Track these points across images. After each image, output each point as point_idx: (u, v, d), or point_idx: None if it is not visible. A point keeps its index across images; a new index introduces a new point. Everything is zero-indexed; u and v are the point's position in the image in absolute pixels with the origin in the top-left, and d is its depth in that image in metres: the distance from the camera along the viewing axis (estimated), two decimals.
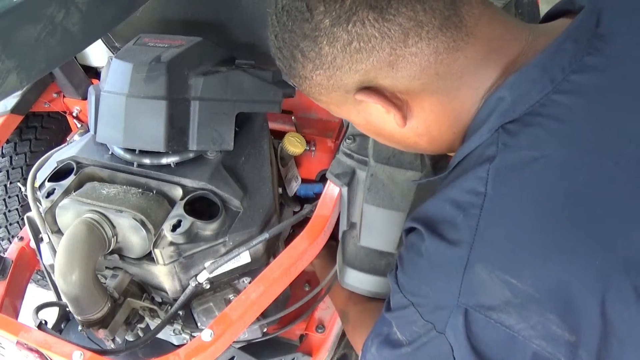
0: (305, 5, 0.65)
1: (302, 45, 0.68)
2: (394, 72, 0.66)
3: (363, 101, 0.70)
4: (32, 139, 1.88)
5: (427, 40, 0.63)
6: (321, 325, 1.46)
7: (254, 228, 1.19)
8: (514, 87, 0.64)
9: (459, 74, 0.66)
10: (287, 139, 1.40)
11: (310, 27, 0.66)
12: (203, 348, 1.06)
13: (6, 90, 0.84)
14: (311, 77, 0.71)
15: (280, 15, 0.69)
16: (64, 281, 1.07)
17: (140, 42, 1.27)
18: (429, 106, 0.69)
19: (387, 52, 0.64)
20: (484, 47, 0.66)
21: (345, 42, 0.64)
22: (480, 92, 0.67)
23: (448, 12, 0.63)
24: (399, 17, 0.62)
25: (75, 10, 0.88)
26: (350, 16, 0.63)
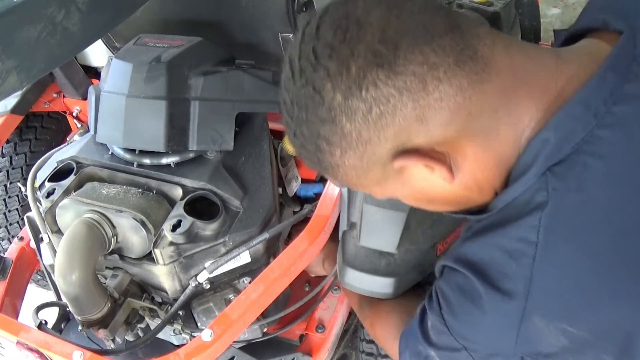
0: (311, 89, 0.61)
1: (322, 132, 0.63)
2: (425, 126, 0.61)
3: (404, 168, 0.65)
4: (32, 139, 1.88)
5: (447, 80, 0.59)
6: (321, 325, 1.45)
7: (254, 228, 1.19)
8: (558, 127, 0.61)
9: (493, 109, 0.62)
10: (287, 139, 1.40)
11: (324, 110, 0.61)
12: (203, 348, 1.06)
13: (6, 90, 0.84)
14: (343, 163, 0.65)
15: (291, 111, 0.65)
16: (64, 281, 1.07)
17: (140, 42, 1.27)
18: (471, 153, 0.64)
19: (411, 106, 0.59)
20: (508, 76, 0.62)
21: (365, 111, 0.60)
22: (519, 129, 0.63)
23: (459, 46, 0.60)
24: (411, 66, 0.58)
25: (75, 10, 0.88)
26: (361, 82, 0.59)
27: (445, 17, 0.61)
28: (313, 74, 0.61)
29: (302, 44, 0.63)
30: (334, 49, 0.60)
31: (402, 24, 0.59)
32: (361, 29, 0.59)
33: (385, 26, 0.59)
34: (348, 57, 0.59)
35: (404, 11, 0.60)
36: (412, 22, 0.59)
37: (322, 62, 0.60)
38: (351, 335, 1.57)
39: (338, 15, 0.61)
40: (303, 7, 1.25)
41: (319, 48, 0.61)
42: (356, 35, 0.59)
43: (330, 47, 0.60)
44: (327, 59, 0.60)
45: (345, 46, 0.59)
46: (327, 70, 0.60)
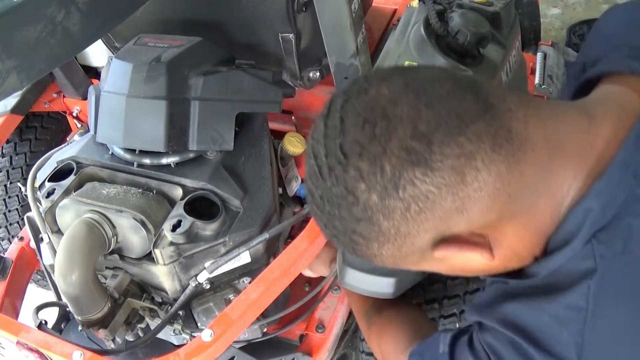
0: (343, 189, 0.58)
1: (358, 229, 0.61)
2: (465, 215, 0.59)
3: (443, 255, 0.64)
4: (32, 139, 1.87)
5: (486, 168, 0.57)
6: (321, 325, 1.45)
7: (254, 228, 1.19)
8: (601, 195, 0.60)
9: (532, 187, 0.60)
10: (287, 139, 1.40)
11: (359, 209, 0.59)
12: (203, 348, 1.06)
13: (6, 90, 0.84)
14: (381, 254, 0.64)
15: (321, 206, 0.62)
16: (64, 281, 1.07)
17: (140, 42, 1.27)
18: (511, 231, 0.63)
19: (450, 199, 0.57)
20: (544, 150, 0.60)
21: (403, 209, 0.58)
22: (558, 199, 0.62)
23: (493, 128, 0.57)
24: (448, 161, 0.55)
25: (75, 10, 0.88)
26: (397, 182, 0.56)
27: (476, 98, 0.58)
28: (344, 174, 0.58)
29: (327, 139, 0.60)
30: (364, 147, 0.57)
31: (433, 114, 0.56)
32: (391, 124, 0.56)
33: (416, 119, 0.56)
34: (381, 156, 0.56)
35: (433, 98, 0.57)
36: (443, 110, 0.56)
37: (353, 162, 0.57)
38: (351, 335, 1.57)
39: (362, 107, 0.58)
40: (303, 7, 1.25)
41: (347, 146, 0.58)
42: (386, 130, 0.56)
43: (359, 145, 0.57)
44: (358, 158, 0.57)
45: (376, 144, 0.56)
46: (359, 170, 0.57)
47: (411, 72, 0.61)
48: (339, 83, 1.16)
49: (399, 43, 1.35)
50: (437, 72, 0.61)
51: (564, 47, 2.25)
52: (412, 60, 1.29)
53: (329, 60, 1.12)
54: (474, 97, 0.58)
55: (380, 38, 1.75)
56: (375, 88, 0.59)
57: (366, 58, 1.13)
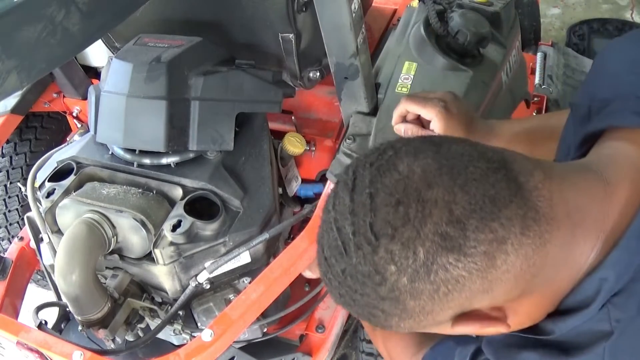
0: (372, 269, 0.57)
1: (381, 306, 0.60)
2: (490, 294, 0.59)
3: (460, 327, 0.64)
4: (32, 139, 1.87)
5: (515, 252, 0.57)
6: (321, 325, 1.45)
7: (254, 228, 1.19)
8: (616, 264, 0.60)
9: (554, 264, 0.61)
10: (287, 139, 1.40)
11: (386, 289, 0.58)
12: (203, 348, 1.06)
13: (6, 90, 0.84)
14: (398, 325, 0.63)
15: (342, 279, 0.60)
16: (64, 281, 1.07)
17: (140, 42, 1.27)
18: (529, 302, 0.64)
19: (480, 282, 0.57)
20: (567, 226, 0.60)
21: (431, 291, 0.57)
22: (576, 269, 0.62)
23: (522, 210, 0.57)
24: (481, 246, 0.55)
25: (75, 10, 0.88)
26: (429, 267, 0.55)
27: (507, 179, 0.58)
28: (373, 255, 0.57)
29: (354, 215, 0.58)
30: (397, 229, 0.56)
31: (468, 198, 0.56)
32: (425, 207, 0.55)
33: (452, 203, 0.55)
34: (414, 240, 0.55)
35: (467, 181, 0.56)
36: (478, 194, 0.56)
37: (384, 243, 0.56)
38: (351, 335, 1.57)
39: (394, 186, 0.57)
40: (303, 7, 1.25)
41: (378, 226, 0.56)
42: (421, 214, 0.55)
43: (392, 227, 0.56)
44: (390, 241, 0.56)
45: (410, 227, 0.55)
46: (391, 253, 0.56)
47: (442, 149, 0.60)
48: (339, 83, 1.16)
49: (399, 43, 1.35)
50: (469, 150, 0.60)
51: (564, 47, 2.26)
52: (412, 60, 1.29)
53: (329, 60, 1.12)
54: (505, 178, 0.58)
55: (380, 38, 1.75)
56: (407, 165, 0.58)
57: (366, 58, 1.13)
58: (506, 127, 1.03)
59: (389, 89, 1.25)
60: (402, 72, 1.27)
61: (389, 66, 1.30)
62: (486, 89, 1.29)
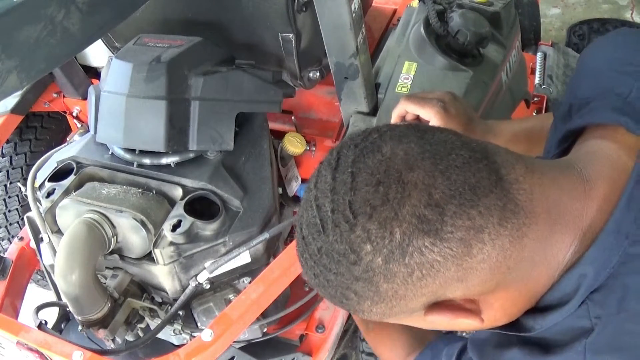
0: (348, 248, 0.57)
1: (354, 287, 0.60)
2: (464, 284, 0.59)
3: (432, 316, 0.64)
4: (32, 139, 1.88)
5: (491, 242, 0.57)
6: (321, 325, 1.45)
7: (254, 228, 1.19)
8: (595, 261, 0.60)
9: (531, 259, 0.61)
10: (287, 139, 1.40)
11: (360, 269, 0.58)
12: (203, 348, 1.06)
13: (6, 90, 0.84)
14: (370, 310, 0.63)
15: (318, 257, 0.60)
16: (64, 281, 1.07)
17: (140, 42, 1.27)
18: (505, 296, 0.64)
19: (454, 270, 0.57)
20: (546, 222, 0.60)
21: (405, 274, 0.57)
22: (553, 267, 0.63)
23: (502, 202, 0.57)
24: (458, 232, 0.56)
25: (75, 10, 0.88)
26: (405, 249, 0.56)
27: (489, 170, 0.58)
28: (350, 233, 0.57)
29: (334, 193, 0.58)
30: (375, 209, 0.56)
31: (448, 184, 0.56)
32: (405, 189, 0.56)
33: (432, 187, 0.56)
34: (392, 220, 0.55)
35: (449, 167, 0.57)
36: (458, 180, 0.56)
37: (361, 222, 0.56)
38: (351, 335, 1.57)
39: (376, 167, 0.57)
40: (303, 7, 1.25)
41: (357, 205, 0.57)
42: (400, 195, 0.55)
43: (370, 206, 0.56)
44: (367, 219, 0.56)
45: (389, 207, 0.55)
46: (367, 232, 0.56)
47: (427, 135, 0.60)
48: (339, 83, 1.16)
49: (399, 43, 1.35)
50: (453, 139, 0.61)
51: (564, 47, 2.25)
52: (412, 60, 1.29)
53: (329, 60, 1.12)
54: (487, 169, 0.58)
55: (380, 38, 1.75)
56: (391, 148, 0.58)
57: (366, 58, 1.13)
58: (505, 127, 1.03)
59: (389, 88, 1.25)
60: (402, 72, 1.27)
61: (389, 66, 1.30)
62: (486, 89, 1.29)
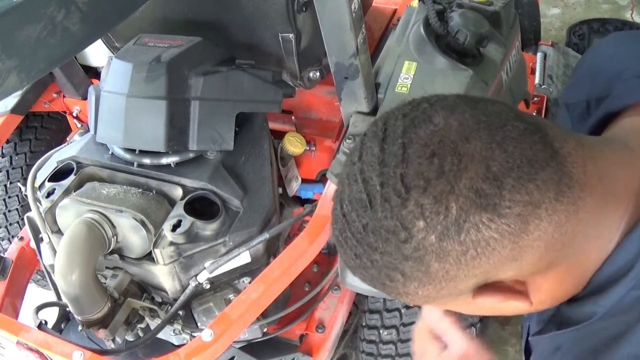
0: (398, 224, 0.53)
1: (402, 267, 0.56)
2: (518, 262, 0.56)
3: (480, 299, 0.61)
4: (32, 139, 1.88)
5: (548, 217, 0.54)
6: (321, 325, 1.45)
7: (254, 228, 1.19)
8: None
9: (584, 234, 0.58)
10: (287, 139, 1.40)
11: (411, 247, 0.54)
12: (203, 348, 1.06)
13: (6, 90, 0.84)
14: (415, 292, 0.59)
15: (362, 235, 0.56)
16: (64, 281, 1.07)
17: (140, 42, 1.27)
18: (554, 277, 0.61)
19: (510, 247, 0.54)
20: (599, 194, 0.58)
21: (459, 253, 0.54)
22: (606, 239, 0.60)
23: (557, 175, 0.54)
24: (516, 208, 0.52)
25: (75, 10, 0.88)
26: (461, 225, 0.52)
27: (544, 142, 0.55)
28: (401, 209, 0.53)
29: (384, 165, 0.54)
30: (430, 182, 0.52)
31: (506, 156, 0.53)
32: (462, 161, 0.52)
33: (489, 159, 0.52)
34: (447, 195, 0.52)
35: (506, 139, 0.54)
36: (516, 153, 0.53)
37: (415, 196, 0.52)
38: (351, 335, 1.57)
39: (429, 138, 0.54)
40: (303, 7, 1.25)
41: (410, 178, 0.53)
42: (457, 168, 0.52)
43: (425, 180, 0.52)
44: (421, 194, 0.52)
45: (444, 181, 0.52)
46: (421, 207, 0.52)
47: (480, 106, 0.57)
48: (339, 83, 1.16)
49: (399, 43, 1.35)
50: (506, 110, 0.58)
51: (564, 47, 2.25)
52: (412, 60, 1.29)
53: (329, 60, 1.12)
54: (542, 141, 0.55)
55: (380, 38, 1.75)
56: (443, 118, 0.55)
57: (366, 58, 1.13)
58: None
59: (389, 88, 1.25)
60: (402, 71, 1.27)
61: (389, 66, 1.30)
62: (486, 89, 1.29)
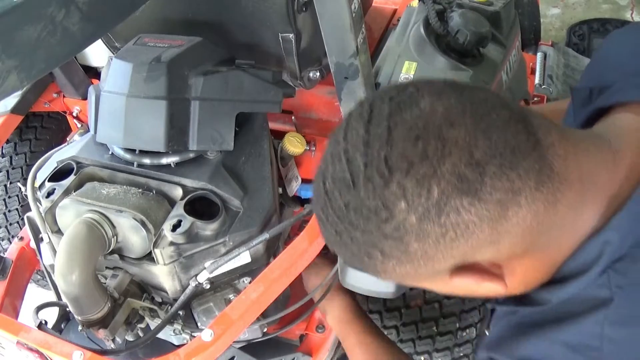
0: (380, 204, 0.55)
1: (381, 246, 0.57)
2: (495, 246, 0.58)
3: (456, 279, 0.62)
4: (32, 139, 1.88)
5: (527, 206, 0.56)
6: (321, 325, 1.45)
7: (254, 228, 1.19)
8: (620, 228, 0.59)
9: (560, 225, 0.60)
10: (287, 139, 1.40)
11: (391, 227, 0.55)
12: (203, 348, 1.06)
13: (6, 90, 0.84)
14: (393, 270, 0.60)
15: (344, 213, 0.57)
16: (64, 281, 1.07)
17: (140, 42, 1.27)
18: (529, 264, 0.63)
19: (488, 232, 0.56)
20: (578, 189, 0.59)
21: (438, 234, 0.55)
22: (579, 234, 0.61)
23: (539, 165, 0.56)
24: (496, 194, 0.54)
25: (75, 10, 0.88)
26: (441, 208, 0.54)
27: (528, 132, 0.57)
28: (384, 189, 0.54)
29: (368, 146, 0.55)
30: (413, 165, 0.53)
31: (489, 144, 0.54)
32: (446, 146, 0.53)
33: (473, 145, 0.54)
34: (430, 178, 0.53)
35: (491, 126, 0.55)
36: (500, 141, 0.55)
37: (397, 178, 0.54)
38: None
39: (415, 121, 0.55)
40: (303, 7, 1.25)
41: (394, 159, 0.54)
42: (440, 152, 0.53)
43: (408, 162, 0.53)
44: (404, 175, 0.53)
45: (428, 164, 0.53)
46: (403, 188, 0.54)
47: (466, 92, 0.58)
48: (339, 83, 1.16)
49: (399, 43, 1.35)
50: (493, 98, 0.59)
51: (564, 47, 2.25)
52: (412, 60, 1.29)
53: (329, 60, 1.12)
54: (526, 131, 0.57)
55: (380, 38, 1.75)
56: (429, 103, 0.56)
57: (366, 58, 1.13)
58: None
59: None
60: (402, 71, 1.27)
61: (389, 66, 1.30)
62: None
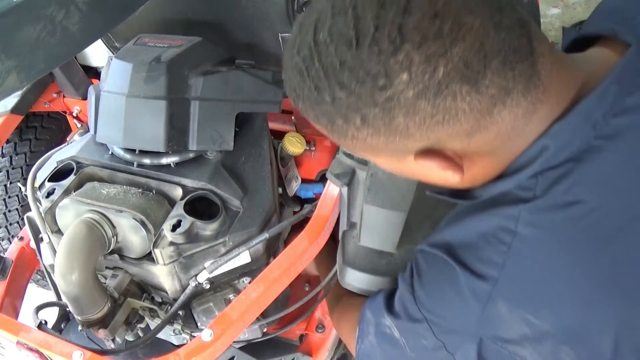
0: (382, 71, 0.53)
1: (365, 112, 0.56)
2: (468, 139, 0.59)
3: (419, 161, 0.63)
4: (32, 139, 1.88)
5: (510, 108, 0.57)
6: (321, 325, 1.46)
7: (254, 228, 1.19)
8: (557, 136, 0.61)
9: (527, 134, 0.62)
10: (287, 139, 1.40)
11: (385, 96, 0.54)
12: (203, 348, 1.06)
13: (6, 90, 0.84)
14: (364, 140, 0.60)
15: (337, 71, 0.55)
16: (64, 281, 1.07)
17: (140, 42, 1.27)
18: (486, 162, 0.65)
19: (472, 123, 0.57)
20: (553, 104, 0.61)
21: (427, 114, 0.55)
22: (530, 138, 0.63)
23: (530, 71, 0.57)
24: (492, 88, 0.55)
25: (75, 10, 0.88)
26: (441, 89, 0.53)
27: (528, 38, 0.57)
28: (390, 57, 0.52)
29: (383, 8, 0.53)
30: (426, 40, 0.52)
31: (498, 39, 0.54)
32: (461, 30, 0.52)
33: (485, 36, 0.54)
34: (439, 57, 0.52)
35: (502, 23, 0.55)
36: (506, 39, 0.55)
37: (407, 49, 0.52)
38: None
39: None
40: (303, 7, 1.25)
41: (407, 29, 0.52)
42: (455, 35, 0.52)
43: (421, 36, 0.52)
44: (415, 48, 0.52)
45: (440, 43, 0.52)
46: (410, 60, 0.52)
47: None
48: None
49: None
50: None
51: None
52: None
53: None
54: (527, 36, 0.57)
55: None
56: None
57: None
58: None
59: None
60: None
61: None
62: None
